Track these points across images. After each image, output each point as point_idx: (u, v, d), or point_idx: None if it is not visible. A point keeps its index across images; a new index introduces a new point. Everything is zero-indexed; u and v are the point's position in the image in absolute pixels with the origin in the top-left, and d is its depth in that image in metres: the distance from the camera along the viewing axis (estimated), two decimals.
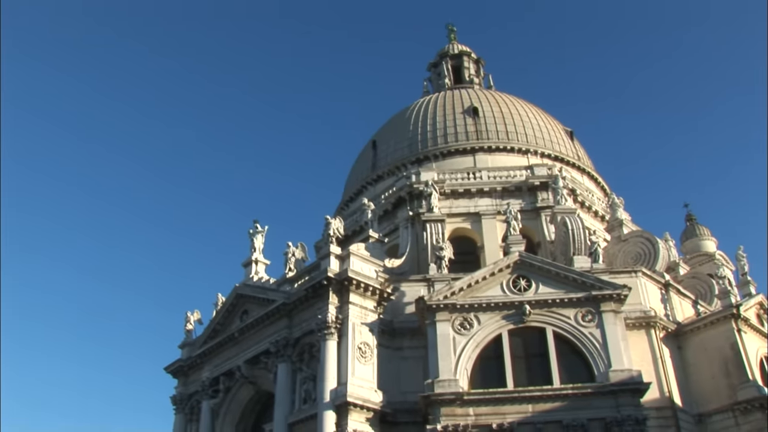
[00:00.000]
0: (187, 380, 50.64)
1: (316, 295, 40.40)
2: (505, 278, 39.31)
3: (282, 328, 42.22)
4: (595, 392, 35.75)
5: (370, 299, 40.48)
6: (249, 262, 48.92)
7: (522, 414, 35.45)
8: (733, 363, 42.67)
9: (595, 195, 59.28)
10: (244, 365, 44.42)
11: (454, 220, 51.62)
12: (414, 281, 43.28)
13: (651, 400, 37.81)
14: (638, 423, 34.77)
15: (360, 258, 41.55)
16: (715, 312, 45.54)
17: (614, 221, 53.99)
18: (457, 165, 57.19)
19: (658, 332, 42.64)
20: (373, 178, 61.59)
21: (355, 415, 36.50)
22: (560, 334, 37.61)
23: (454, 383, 35.99)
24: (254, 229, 50.01)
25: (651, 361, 41.29)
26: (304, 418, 38.61)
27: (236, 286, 47.13)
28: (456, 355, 37.03)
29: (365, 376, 38.30)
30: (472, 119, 61.20)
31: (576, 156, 62.62)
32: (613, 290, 38.31)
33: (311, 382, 39.48)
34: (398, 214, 53.85)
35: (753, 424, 40.80)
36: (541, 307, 38.16)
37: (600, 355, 36.74)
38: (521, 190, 52.94)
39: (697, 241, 62.18)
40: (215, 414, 46.32)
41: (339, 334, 38.89)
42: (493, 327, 37.90)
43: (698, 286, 51.85)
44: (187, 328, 53.05)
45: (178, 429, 49.77)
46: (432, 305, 38.10)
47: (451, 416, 35.30)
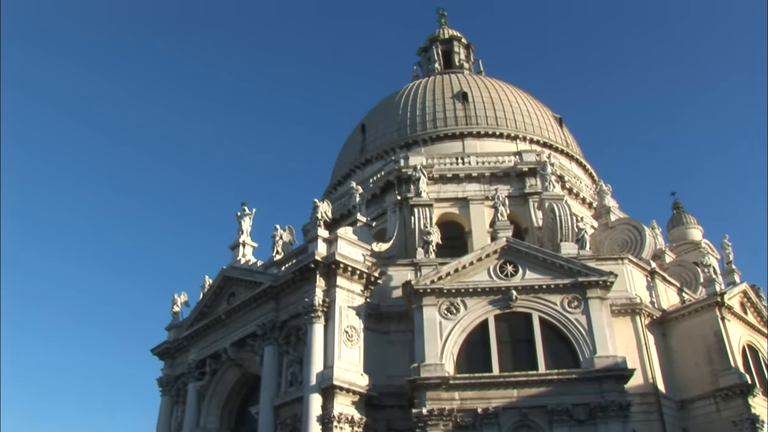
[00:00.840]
0: (173, 362, 50.61)
1: (303, 278, 40.37)
2: (492, 264, 39.41)
3: (269, 311, 42.20)
4: (580, 378, 36.01)
5: (357, 283, 40.51)
6: (236, 245, 48.82)
7: (507, 399, 35.64)
8: (716, 350, 43.10)
9: (583, 182, 59.45)
10: (231, 348, 44.39)
11: (442, 205, 51.63)
12: (401, 265, 43.30)
13: (635, 386, 38.19)
14: (622, 409, 35.05)
15: (347, 242, 41.54)
16: (699, 300, 45.93)
17: (602, 208, 54.15)
18: (445, 150, 57.16)
19: (643, 319, 42.98)
20: (362, 162, 61.48)
21: (341, 399, 36.62)
22: (546, 319, 37.81)
23: (440, 367, 36.15)
24: (242, 211, 49.88)
25: (636, 347, 41.66)
26: (290, 400, 38.64)
27: (223, 269, 47.01)
28: (442, 340, 37.16)
29: (351, 360, 38.38)
30: (461, 104, 61.15)
31: (564, 143, 62.72)
32: (599, 277, 38.50)
33: (297, 365, 39.51)
34: (386, 198, 53.83)
35: (734, 410, 41.31)
36: (527, 293, 38.32)
37: (585, 341, 36.97)
38: (509, 176, 52.99)
39: (683, 229, 62.58)
40: (201, 396, 46.32)
41: (326, 318, 38.93)
42: (479, 312, 38.05)
43: (684, 273, 52.18)
44: (173, 310, 52.97)
45: (165, 411, 49.76)
46: (419, 289, 38.17)
47: (436, 400, 35.48)
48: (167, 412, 49.59)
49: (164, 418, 49.51)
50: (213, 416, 46.00)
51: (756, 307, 49.21)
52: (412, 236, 46.96)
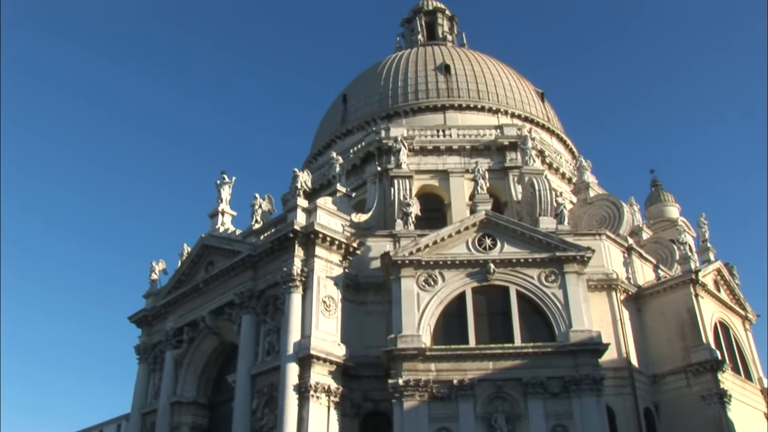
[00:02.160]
0: (151, 330, 50.50)
1: (281, 247, 40.30)
2: (471, 236, 39.51)
3: (247, 279, 42.13)
4: (555, 351, 36.37)
5: (336, 253, 40.49)
6: (215, 213, 48.56)
7: (483, 371, 35.95)
8: (688, 326, 43.73)
9: (563, 157, 59.57)
10: (209, 316, 44.36)
11: (422, 176, 51.58)
12: (380, 236, 43.29)
13: (609, 360, 38.62)
14: (595, 382, 35.50)
15: (327, 212, 41.45)
16: (674, 277, 46.47)
17: (581, 184, 54.36)
18: (427, 122, 56.97)
19: (618, 295, 43.43)
20: (343, 132, 61.16)
21: (317, 368, 36.77)
22: (523, 293, 38.05)
23: (416, 339, 36.34)
24: (221, 180, 49.55)
25: (611, 322, 42.14)
26: (267, 369, 38.77)
27: (202, 237, 46.82)
28: (420, 311, 37.32)
29: (329, 330, 38.50)
30: (443, 77, 60.87)
31: (546, 117, 62.72)
32: (576, 252, 38.74)
33: (275, 335, 39.56)
34: (366, 169, 53.67)
35: (703, 385, 42.09)
36: (505, 266, 38.49)
37: (561, 316, 37.29)
38: (490, 150, 52.97)
39: (661, 206, 62.99)
40: (179, 364, 46.34)
41: (304, 287, 38.93)
42: (457, 284, 38.20)
43: (660, 250, 52.66)
44: (151, 277, 52.70)
45: (142, 378, 49.72)
46: (397, 261, 38.22)
47: (413, 371, 35.71)
48: (144, 380, 49.56)
49: (141, 385, 49.48)
50: (190, 384, 46.10)
51: (729, 285, 49.90)
52: (392, 207, 46.91)
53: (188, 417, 45.20)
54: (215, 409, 45.77)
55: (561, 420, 34.96)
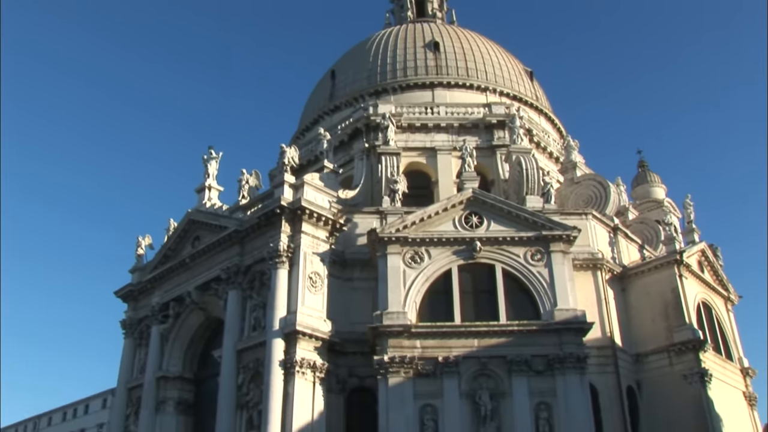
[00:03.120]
0: (137, 305, 50.40)
1: (268, 223, 40.21)
2: (458, 214, 39.55)
3: (233, 255, 42.06)
4: (540, 330, 36.60)
5: (323, 229, 40.45)
6: (202, 188, 48.31)
7: (468, 348, 36.15)
8: (672, 306, 44.12)
9: (551, 136, 59.56)
10: (195, 291, 44.29)
11: (410, 154, 51.48)
12: (367, 213, 43.26)
13: (593, 339, 38.92)
14: (579, 361, 35.78)
15: (314, 188, 41.34)
16: (659, 257, 46.77)
17: (568, 163, 54.41)
18: (415, 99, 56.74)
19: (604, 274, 43.66)
20: (331, 108, 60.86)
21: (303, 344, 36.84)
22: (509, 271, 38.18)
23: (402, 315, 36.45)
24: (208, 154, 49.26)
25: (595, 301, 42.39)
26: (253, 345, 38.81)
27: (188, 212, 46.63)
28: (405, 288, 37.41)
29: (315, 306, 38.54)
30: (432, 54, 60.57)
31: (534, 96, 62.62)
32: (562, 231, 38.86)
33: (261, 310, 39.55)
34: (354, 145, 53.51)
35: (685, 364, 42.57)
36: (491, 245, 38.57)
37: (546, 294, 37.47)
38: (478, 128, 52.90)
39: (647, 187, 63.22)
40: (165, 339, 46.29)
41: (290, 263, 38.89)
42: (443, 262, 38.28)
43: (645, 231, 52.94)
44: (137, 252, 52.52)
45: (128, 353, 49.66)
46: (384, 238, 38.23)
47: (398, 348, 35.85)
48: (130, 355, 49.51)
49: (127, 360, 49.45)
50: (176, 359, 46.11)
51: (713, 266, 50.32)
52: (379, 184, 46.87)
53: (174, 392, 45.24)
54: (201, 384, 45.82)
55: (545, 397, 35.25)
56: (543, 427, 34.65)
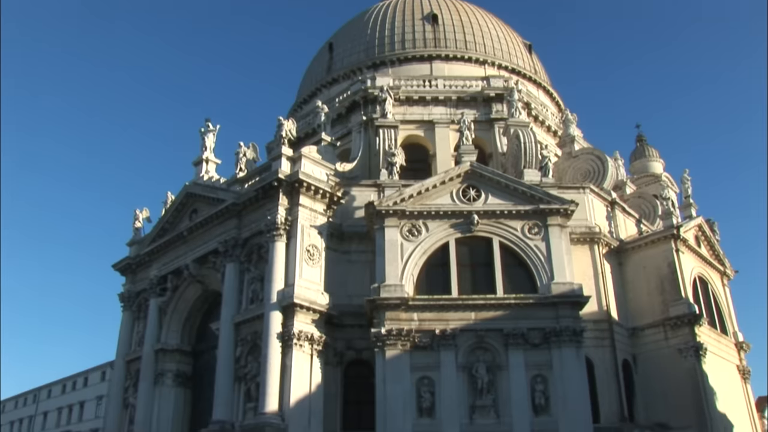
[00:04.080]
0: (135, 278, 50.46)
1: (266, 196, 40.15)
2: (456, 187, 39.51)
3: (231, 228, 42.05)
4: (537, 303, 36.76)
5: (320, 202, 40.41)
6: (199, 161, 48.19)
7: (465, 321, 36.32)
8: (668, 281, 44.25)
9: (549, 110, 59.31)
10: (192, 264, 44.34)
11: (408, 127, 51.27)
12: (364, 186, 43.17)
13: (589, 312, 39.06)
14: (575, 334, 35.98)
15: (311, 161, 41.24)
16: (656, 232, 46.83)
17: (566, 137, 54.29)
18: (413, 72, 56.41)
19: (601, 248, 43.72)
20: (328, 81, 60.52)
21: (301, 316, 36.96)
22: (506, 245, 38.23)
23: (399, 288, 36.54)
24: (206, 127, 49.07)
25: (592, 275, 42.51)
26: (251, 317, 38.93)
27: (186, 185, 46.54)
28: (403, 261, 37.47)
29: (312, 279, 38.61)
30: (431, 26, 60.13)
31: (533, 70, 62.28)
32: (560, 205, 38.86)
33: (259, 283, 39.63)
34: (352, 118, 53.26)
35: (680, 338, 42.80)
36: (489, 218, 38.56)
37: (543, 268, 37.56)
38: (476, 101, 52.65)
39: (645, 161, 63.11)
40: (163, 312, 46.43)
41: (288, 236, 38.91)
42: (441, 235, 38.30)
43: (643, 205, 52.96)
44: (135, 225, 52.51)
45: (126, 326, 49.80)
46: (381, 210, 38.21)
47: (395, 320, 36.01)
48: (129, 328, 49.65)
49: (126, 333, 49.61)
50: (174, 332, 46.29)
51: (709, 240, 50.41)
52: (377, 157, 46.76)
53: (172, 364, 45.47)
54: (199, 356, 46.05)
55: (541, 370, 35.52)
56: (539, 399, 34.93)
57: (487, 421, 34.54)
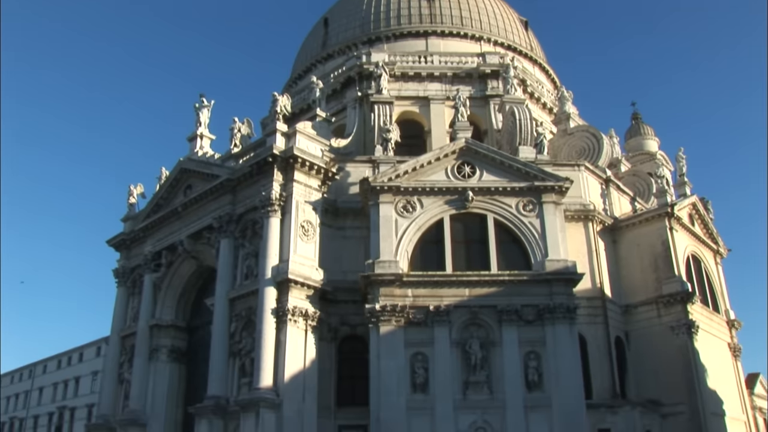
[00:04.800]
0: (129, 254, 50.46)
1: (260, 171, 40.04)
2: (450, 164, 39.40)
3: (225, 203, 41.97)
4: (531, 280, 36.81)
5: (315, 178, 40.31)
6: (194, 137, 47.99)
7: (459, 297, 36.36)
8: (662, 259, 44.44)
9: (545, 87, 59.19)
10: (187, 240, 44.31)
11: (403, 103, 51.15)
12: (359, 162, 43.11)
13: (583, 290, 39.23)
14: (569, 311, 36.10)
15: (306, 136, 41.07)
16: (650, 210, 46.92)
17: (562, 114, 54.22)
18: (408, 48, 56.18)
19: (595, 226, 43.80)
20: (323, 56, 60.25)
21: (295, 292, 36.99)
22: (501, 221, 38.20)
23: (394, 264, 36.55)
24: (200, 103, 48.79)
25: (586, 252, 42.61)
26: (246, 293, 38.98)
27: (180, 161, 46.37)
28: (397, 237, 37.44)
29: (307, 254, 38.61)
30: (426, 2, 59.77)
31: (529, 46, 62.04)
32: (555, 182, 38.82)
33: (253, 259, 39.61)
34: (347, 94, 53.10)
35: (673, 316, 43.06)
36: (483, 195, 38.51)
37: (538, 245, 37.59)
38: (472, 77, 52.51)
39: (640, 139, 63.11)
40: (157, 288, 46.49)
41: (282, 212, 38.83)
42: (435, 211, 38.26)
43: (638, 183, 53.01)
44: (130, 201, 52.43)
45: (121, 302, 49.91)
46: (376, 186, 38.12)
47: (389, 296, 36.04)
48: (123, 303, 49.77)
49: (120, 309, 49.73)
50: (168, 308, 46.39)
51: (703, 219, 50.58)
52: (372, 133, 46.67)
53: (167, 340, 45.66)
54: (194, 332, 46.20)
55: (534, 347, 35.63)
56: (532, 375, 35.08)
57: (480, 397, 34.71)
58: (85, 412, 73.86)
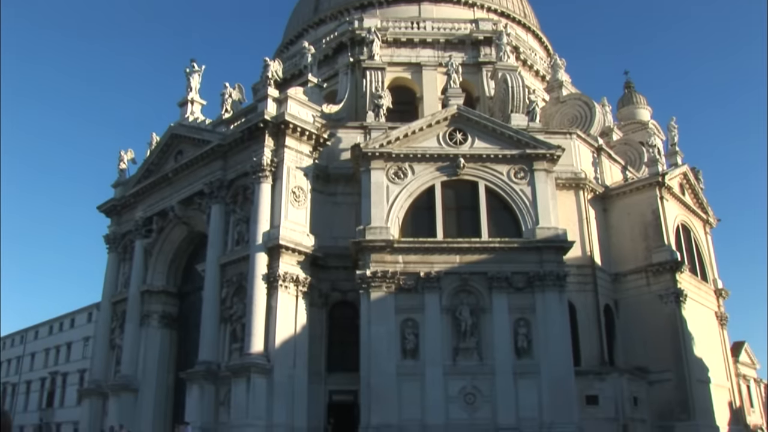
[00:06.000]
0: (120, 220, 50.38)
1: (251, 137, 39.85)
2: (442, 130, 39.26)
3: (216, 169, 41.83)
4: (521, 247, 36.92)
5: (306, 144, 40.14)
6: (185, 102, 47.63)
7: (449, 264, 36.47)
8: (652, 228, 44.68)
9: (537, 54, 58.84)
10: (178, 206, 44.24)
11: (395, 69, 50.78)
12: (351, 128, 42.92)
13: (573, 257, 39.45)
14: (559, 278, 36.28)
15: (298, 102, 40.80)
16: (641, 179, 47.05)
17: (554, 82, 54.01)
18: (401, 13, 55.61)
19: (586, 194, 43.91)
20: (315, 21, 59.63)
21: (286, 258, 37.03)
22: (492, 189, 38.19)
23: (385, 231, 36.58)
24: (191, 68, 48.33)
25: (577, 221, 42.76)
26: (236, 259, 39.02)
27: (171, 126, 46.10)
28: (389, 204, 37.42)
29: (298, 220, 38.58)
30: None
31: (522, 13, 61.55)
32: (546, 150, 38.77)
33: (244, 224, 39.61)
34: (339, 59, 52.68)
35: (662, 284, 43.43)
36: (475, 162, 38.45)
37: (529, 212, 37.64)
38: (464, 44, 52.10)
39: (632, 108, 63.07)
40: (148, 253, 46.52)
41: (273, 178, 38.75)
42: (426, 178, 38.21)
43: (629, 152, 53.04)
44: (120, 167, 52.25)
45: (112, 268, 49.95)
46: (368, 153, 38.01)
47: (380, 263, 36.11)
48: (114, 269, 49.82)
49: (111, 275, 49.81)
50: (160, 273, 46.48)
51: (693, 188, 50.75)
52: (363, 99, 46.41)
53: (158, 305, 45.83)
54: (185, 297, 46.33)
55: (524, 314, 35.87)
56: (521, 342, 35.36)
57: (470, 363, 35.00)
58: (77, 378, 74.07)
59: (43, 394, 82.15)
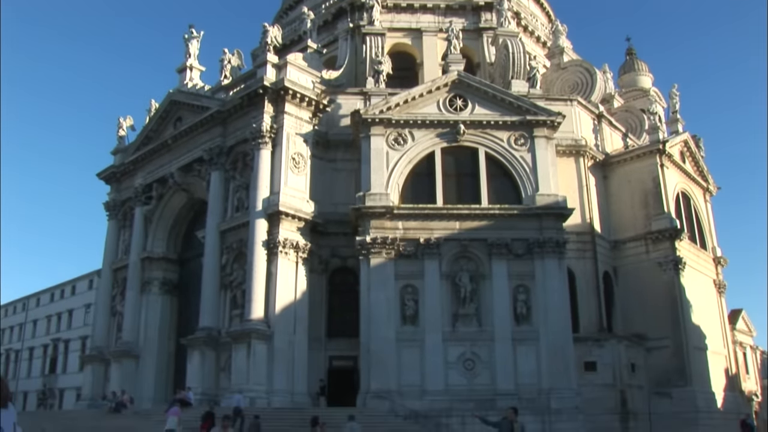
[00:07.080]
0: (120, 186, 50.28)
1: (251, 103, 39.64)
2: (442, 96, 39.07)
3: (216, 136, 41.68)
4: (521, 214, 36.96)
5: (306, 110, 39.95)
6: (183, 68, 47.35)
7: (449, 230, 36.50)
8: (652, 195, 44.67)
9: (539, 20, 58.31)
10: (177, 172, 44.12)
11: (395, 34, 50.37)
12: (351, 94, 42.71)
13: (573, 224, 39.45)
14: (558, 245, 36.34)
15: (297, 68, 40.55)
16: (642, 146, 46.92)
17: (555, 48, 53.60)
18: None
19: (586, 161, 43.82)
20: None
21: (286, 224, 37.06)
22: (492, 155, 38.11)
23: (385, 197, 36.55)
24: (189, 34, 47.98)
25: (577, 188, 42.74)
26: (236, 225, 39.04)
27: (170, 92, 45.83)
28: (388, 170, 37.35)
29: (298, 186, 38.55)
30: None
31: None
32: (547, 116, 38.62)
33: (244, 191, 39.55)
34: (338, 25, 52.21)
35: (661, 252, 43.52)
36: (475, 128, 38.32)
37: (529, 179, 37.59)
38: (465, 9, 51.64)
39: (634, 75, 62.65)
40: (148, 220, 46.49)
41: (273, 144, 38.62)
42: (426, 144, 38.10)
43: (630, 119, 52.84)
44: (119, 134, 51.95)
45: (112, 235, 49.97)
46: (367, 119, 37.84)
47: (380, 229, 36.15)
48: (114, 236, 49.84)
49: (112, 242, 49.83)
50: (160, 240, 46.49)
51: (694, 156, 50.60)
52: (363, 65, 46.15)
53: (158, 272, 45.91)
54: (185, 264, 46.38)
55: (523, 280, 36.02)
56: (521, 308, 35.56)
57: (469, 329, 35.19)
58: (79, 344, 74.44)
59: (45, 360, 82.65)
